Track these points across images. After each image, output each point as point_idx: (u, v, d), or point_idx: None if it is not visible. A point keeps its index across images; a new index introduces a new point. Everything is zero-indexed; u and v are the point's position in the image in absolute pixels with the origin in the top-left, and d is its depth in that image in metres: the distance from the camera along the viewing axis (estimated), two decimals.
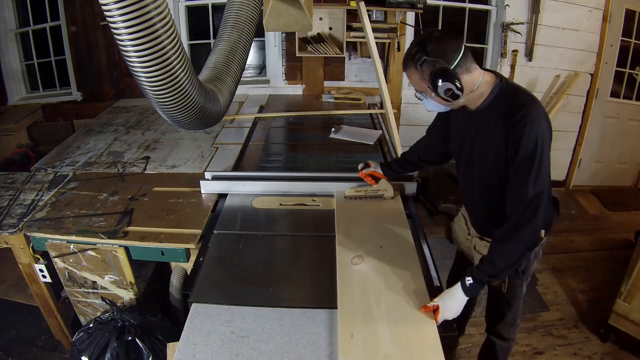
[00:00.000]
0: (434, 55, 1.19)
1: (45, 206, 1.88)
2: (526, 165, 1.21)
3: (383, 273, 1.35)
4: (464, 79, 1.22)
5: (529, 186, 1.21)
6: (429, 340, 1.13)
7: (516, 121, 1.20)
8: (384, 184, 1.80)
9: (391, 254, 1.44)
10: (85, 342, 1.63)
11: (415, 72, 1.24)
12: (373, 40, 2.58)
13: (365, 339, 1.12)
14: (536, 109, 1.21)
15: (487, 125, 1.30)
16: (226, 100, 1.73)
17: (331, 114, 2.98)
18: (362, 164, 1.82)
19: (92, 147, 2.52)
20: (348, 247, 1.49)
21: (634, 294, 2.07)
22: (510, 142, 1.23)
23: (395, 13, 3.18)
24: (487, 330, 1.73)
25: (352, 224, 1.62)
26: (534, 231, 1.27)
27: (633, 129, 3.77)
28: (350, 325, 1.16)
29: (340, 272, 1.36)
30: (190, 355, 1.12)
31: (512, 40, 3.37)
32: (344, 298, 1.25)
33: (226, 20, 1.78)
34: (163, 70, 1.19)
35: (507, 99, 1.26)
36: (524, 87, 1.32)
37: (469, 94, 1.27)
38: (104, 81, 3.61)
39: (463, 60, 1.21)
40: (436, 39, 1.21)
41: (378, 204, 1.77)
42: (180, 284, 1.76)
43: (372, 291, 1.28)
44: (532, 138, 1.18)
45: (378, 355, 1.08)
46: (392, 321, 1.18)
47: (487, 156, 1.33)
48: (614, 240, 3.18)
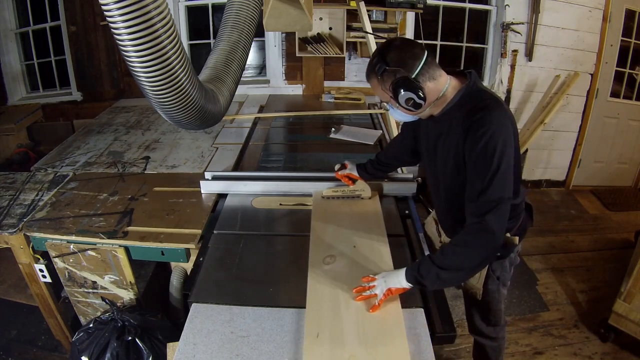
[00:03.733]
0: (394, 64, 1.17)
1: (45, 206, 1.88)
2: (483, 166, 1.14)
3: (354, 273, 1.34)
4: (427, 87, 1.20)
5: (488, 189, 1.13)
6: (396, 341, 1.11)
7: (475, 120, 1.16)
8: (361, 184, 1.80)
9: (364, 254, 1.43)
10: (85, 342, 1.63)
11: (377, 82, 1.23)
12: (373, 40, 2.58)
13: (331, 339, 1.11)
14: (499, 111, 1.17)
15: (449, 127, 1.27)
16: (226, 100, 1.74)
17: (331, 114, 2.98)
18: (339, 165, 1.82)
19: (92, 147, 2.52)
20: (321, 246, 1.48)
21: (634, 294, 2.07)
22: (467, 142, 1.18)
23: (395, 13, 3.19)
24: (470, 332, 1.73)
25: (328, 224, 1.62)
26: (491, 241, 1.15)
27: (633, 129, 3.77)
28: (316, 325, 1.15)
29: (311, 272, 1.35)
30: (190, 355, 1.12)
31: (512, 40, 3.37)
32: (312, 298, 1.25)
33: (226, 20, 1.78)
34: (163, 70, 1.19)
35: (471, 101, 1.21)
36: (491, 90, 1.28)
37: (435, 101, 1.25)
38: (104, 81, 3.61)
39: (425, 68, 1.18)
40: (396, 48, 1.19)
41: (355, 204, 1.76)
42: (180, 284, 1.76)
43: (342, 291, 1.27)
44: (491, 139, 1.13)
45: (343, 355, 1.07)
46: (359, 322, 1.17)
47: (449, 157, 1.30)
48: (614, 240, 3.18)
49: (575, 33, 3.36)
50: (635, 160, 3.91)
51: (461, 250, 1.17)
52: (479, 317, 1.64)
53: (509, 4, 3.28)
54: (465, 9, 3.47)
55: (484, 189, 1.14)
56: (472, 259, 1.17)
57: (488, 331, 1.65)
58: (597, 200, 3.77)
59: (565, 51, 3.42)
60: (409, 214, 1.77)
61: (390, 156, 1.75)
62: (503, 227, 1.16)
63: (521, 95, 3.60)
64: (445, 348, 2.21)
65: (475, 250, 1.16)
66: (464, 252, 1.17)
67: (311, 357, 1.07)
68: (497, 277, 1.50)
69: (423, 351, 1.12)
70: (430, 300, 1.31)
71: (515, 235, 1.43)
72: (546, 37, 3.36)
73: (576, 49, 3.41)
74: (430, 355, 1.11)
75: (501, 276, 1.51)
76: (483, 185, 1.14)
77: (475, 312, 1.64)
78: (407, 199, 1.87)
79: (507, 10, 3.30)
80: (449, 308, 1.31)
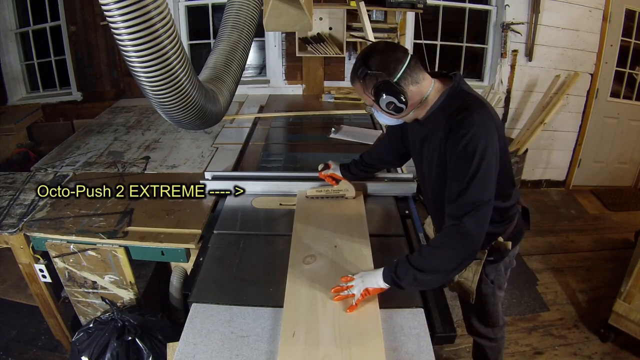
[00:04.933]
0: (375, 68, 1.17)
1: (45, 206, 1.88)
2: (462, 168, 1.13)
3: (334, 273, 1.33)
4: (409, 91, 1.20)
5: (466, 192, 1.12)
6: (371, 341, 1.11)
7: (457, 122, 1.16)
8: (345, 184, 1.79)
9: (344, 254, 1.43)
10: (85, 342, 1.63)
11: (360, 86, 1.23)
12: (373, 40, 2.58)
13: (306, 339, 1.11)
14: (481, 112, 1.16)
15: (433, 129, 1.26)
16: (226, 100, 1.74)
17: (331, 114, 2.98)
18: (322, 165, 1.82)
19: (92, 147, 2.52)
20: (302, 246, 1.48)
21: (634, 294, 2.07)
22: (448, 143, 1.18)
23: (395, 13, 3.19)
24: (468, 333, 1.72)
25: (310, 224, 1.61)
26: (468, 244, 1.14)
27: (633, 129, 3.78)
28: (293, 324, 1.15)
29: (291, 272, 1.35)
30: (190, 355, 1.12)
31: (512, 40, 3.37)
32: (290, 297, 1.25)
33: (226, 20, 1.78)
34: (163, 70, 1.19)
35: (454, 103, 1.21)
36: (475, 92, 1.26)
37: (419, 105, 1.25)
38: (104, 81, 3.62)
39: (408, 72, 1.18)
40: (378, 52, 1.19)
41: (339, 204, 1.76)
42: (180, 284, 1.76)
43: (320, 291, 1.27)
44: (471, 141, 1.12)
45: (317, 355, 1.07)
46: (336, 322, 1.16)
47: (433, 160, 1.29)
48: (614, 240, 3.19)
49: (575, 33, 3.37)
50: (635, 160, 3.91)
51: (438, 253, 1.16)
52: (476, 319, 1.64)
53: (509, 4, 3.29)
54: (465, 9, 3.47)
55: (462, 191, 1.13)
56: (448, 262, 1.15)
57: (486, 332, 1.65)
58: (597, 200, 3.78)
59: (565, 51, 3.42)
60: (409, 214, 1.76)
61: (375, 157, 1.74)
62: (481, 230, 1.14)
63: (521, 95, 3.60)
64: (445, 348, 2.21)
65: (451, 253, 1.15)
66: (440, 255, 1.15)
67: (286, 356, 1.07)
68: (492, 281, 1.50)
69: (423, 351, 1.12)
70: (430, 300, 1.30)
71: (509, 239, 1.42)
72: (546, 37, 3.36)
73: (576, 49, 3.42)
74: (430, 355, 1.11)
75: (495, 280, 1.50)
76: (461, 187, 1.13)
77: (472, 314, 1.64)
78: (407, 199, 1.87)
79: (507, 10, 3.30)
80: (449, 308, 1.30)
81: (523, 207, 1.50)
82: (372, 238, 1.58)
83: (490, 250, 1.43)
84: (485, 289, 1.51)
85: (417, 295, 1.29)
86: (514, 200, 1.41)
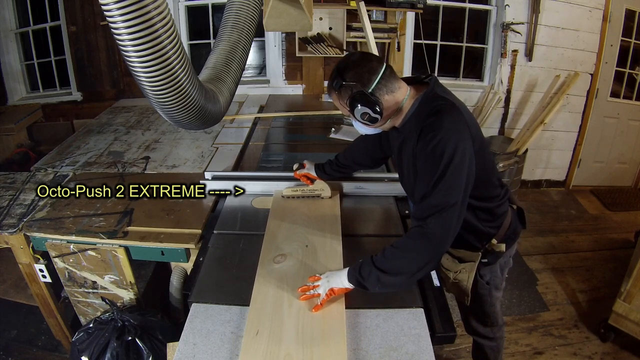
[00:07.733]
0: (350, 79, 1.18)
1: (45, 206, 1.88)
2: (429, 170, 1.13)
3: (303, 273, 1.34)
4: (384, 101, 1.20)
5: (431, 194, 1.12)
6: (334, 341, 1.11)
7: (426, 125, 1.16)
8: (321, 183, 1.80)
9: (315, 254, 1.43)
10: (85, 342, 1.63)
11: (336, 97, 1.24)
12: (373, 40, 2.58)
13: (269, 337, 1.11)
14: (452, 115, 1.16)
15: (408, 135, 1.27)
16: (226, 100, 1.73)
17: (331, 114, 2.98)
18: (297, 164, 1.82)
19: (92, 147, 2.52)
20: (273, 245, 1.48)
21: (634, 294, 2.07)
22: (418, 146, 1.18)
23: (395, 13, 3.19)
24: (467, 332, 1.72)
25: (283, 223, 1.62)
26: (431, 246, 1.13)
27: (633, 129, 3.77)
28: (257, 323, 1.16)
29: (260, 271, 1.36)
30: (190, 355, 1.12)
31: (512, 40, 3.37)
32: (257, 296, 1.25)
33: (226, 20, 1.78)
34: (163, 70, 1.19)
35: (427, 107, 1.21)
36: (451, 95, 1.26)
37: (395, 113, 1.25)
38: (104, 81, 3.61)
39: (383, 82, 1.18)
40: (353, 63, 1.20)
41: (314, 204, 1.76)
42: (180, 284, 1.76)
43: (287, 291, 1.27)
44: (439, 144, 1.11)
45: (279, 353, 1.07)
46: (300, 321, 1.17)
47: (409, 165, 1.29)
48: (614, 240, 3.19)
49: (575, 33, 3.37)
50: (635, 160, 3.91)
51: (400, 254, 1.15)
52: (474, 320, 1.64)
53: (509, 4, 3.28)
54: (465, 9, 3.47)
55: (427, 193, 1.13)
56: (411, 264, 1.14)
57: (485, 332, 1.65)
58: (597, 200, 3.78)
59: (565, 51, 3.42)
60: (409, 214, 1.76)
61: (350, 159, 1.73)
62: (446, 234, 1.12)
63: (521, 95, 3.60)
64: (445, 348, 2.21)
65: (414, 255, 1.14)
66: (403, 256, 1.14)
67: (248, 354, 1.07)
68: (487, 282, 1.49)
69: (423, 351, 1.12)
70: (430, 300, 1.31)
71: (503, 240, 1.42)
72: (546, 37, 3.36)
73: (576, 49, 3.42)
74: (430, 355, 1.11)
75: (491, 281, 1.50)
76: (427, 190, 1.14)
77: (470, 315, 1.64)
78: (407, 199, 1.87)
79: (507, 10, 3.30)
80: (449, 308, 1.30)
81: (518, 208, 1.50)
82: (371, 238, 1.59)
83: (484, 252, 1.43)
84: (481, 289, 1.51)
85: (417, 296, 1.29)
86: (502, 201, 1.40)
